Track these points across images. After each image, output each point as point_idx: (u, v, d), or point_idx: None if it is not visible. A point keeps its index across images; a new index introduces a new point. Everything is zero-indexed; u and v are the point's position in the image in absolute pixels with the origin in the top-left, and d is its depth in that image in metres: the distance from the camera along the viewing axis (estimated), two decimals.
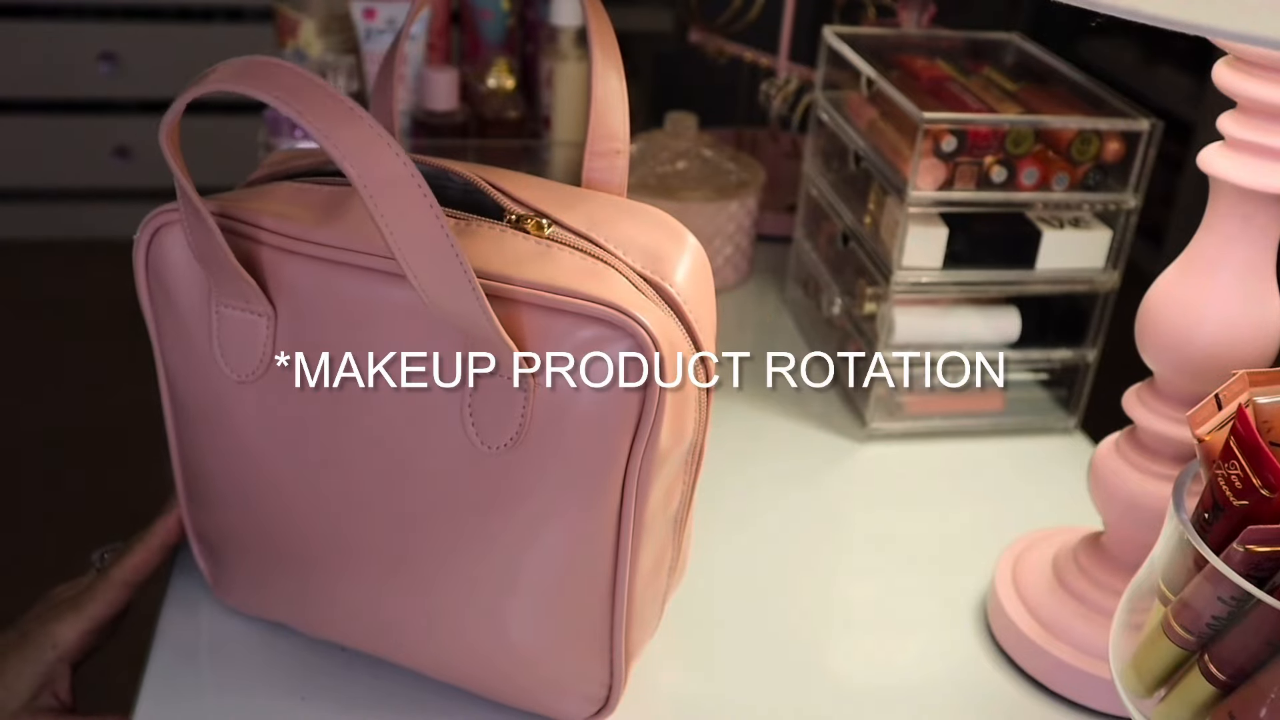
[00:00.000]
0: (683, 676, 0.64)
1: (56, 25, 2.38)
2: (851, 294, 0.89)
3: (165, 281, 0.55)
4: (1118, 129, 0.78)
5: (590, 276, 0.50)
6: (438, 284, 0.47)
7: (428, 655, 0.59)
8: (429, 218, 0.45)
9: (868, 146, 0.85)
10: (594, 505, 0.51)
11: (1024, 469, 0.85)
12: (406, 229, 0.45)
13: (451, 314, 0.48)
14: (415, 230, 0.45)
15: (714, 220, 1.00)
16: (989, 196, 0.79)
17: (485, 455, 0.51)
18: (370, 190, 0.44)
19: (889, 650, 0.68)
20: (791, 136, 1.18)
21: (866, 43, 0.91)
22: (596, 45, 0.58)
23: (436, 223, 0.45)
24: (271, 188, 0.56)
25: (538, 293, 0.49)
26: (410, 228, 0.45)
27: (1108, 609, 0.64)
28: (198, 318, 0.55)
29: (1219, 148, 0.55)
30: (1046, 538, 0.72)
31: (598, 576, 0.53)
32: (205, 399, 0.57)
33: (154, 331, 0.57)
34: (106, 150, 2.50)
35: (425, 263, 0.46)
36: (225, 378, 0.55)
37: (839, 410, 0.89)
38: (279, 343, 0.54)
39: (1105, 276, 0.83)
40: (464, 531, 0.53)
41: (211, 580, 0.64)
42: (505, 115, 1.08)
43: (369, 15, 1.09)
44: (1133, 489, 0.62)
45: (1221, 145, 0.55)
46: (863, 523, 0.79)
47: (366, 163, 0.44)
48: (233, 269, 0.52)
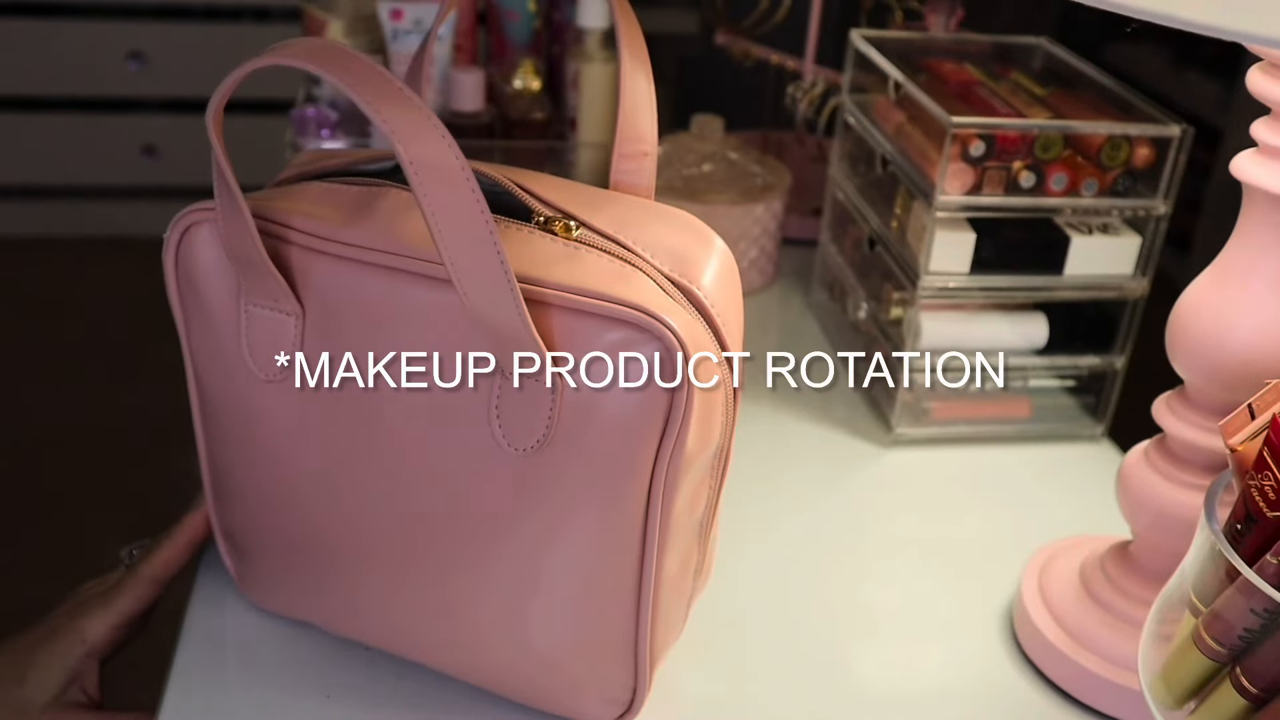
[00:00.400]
0: (707, 680, 0.64)
1: (86, 24, 2.40)
2: (878, 298, 0.88)
3: (194, 280, 0.55)
4: (1148, 134, 0.78)
5: (618, 279, 0.50)
6: (475, 277, 0.47)
7: (448, 655, 0.59)
8: (474, 211, 0.46)
9: (895, 150, 0.85)
10: (619, 508, 0.51)
11: (1050, 476, 0.85)
12: (451, 218, 0.45)
13: (483, 310, 0.48)
14: (459, 221, 0.46)
15: (739, 223, 1.00)
16: (1017, 202, 0.79)
17: (510, 457, 0.51)
18: (419, 175, 0.44)
19: (913, 657, 0.67)
20: (817, 140, 1.18)
21: (894, 46, 0.91)
22: (625, 47, 0.58)
23: (481, 217, 0.46)
24: (301, 188, 0.56)
25: (565, 295, 0.49)
26: (454, 217, 0.45)
27: (1135, 619, 0.63)
28: (226, 317, 0.55)
29: (1253, 154, 0.55)
30: (1073, 546, 0.71)
31: (622, 580, 0.53)
32: (232, 397, 0.57)
33: (183, 330, 0.58)
34: (134, 148, 2.51)
35: (465, 254, 0.46)
36: (252, 376, 0.55)
37: (864, 415, 0.89)
38: (306, 342, 0.54)
39: (1134, 283, 0.82)
40: (484, 533, 0.53)
41: (236, 577, 0.65)
42: (531, 116, 1.08)
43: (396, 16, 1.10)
44: (1162, 498, 0.61)
45: (1255, 152, 0.55)
46: (887, 528, 0.78)
47: (418, 147, 0.44)
48: (264, 265, 0.52)
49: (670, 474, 0.50)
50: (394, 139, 0.44)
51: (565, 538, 0.52)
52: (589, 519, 0.51)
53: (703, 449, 0.52)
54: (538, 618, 0.54)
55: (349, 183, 0.56)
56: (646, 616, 0.54)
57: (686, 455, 0.50)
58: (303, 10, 1.15)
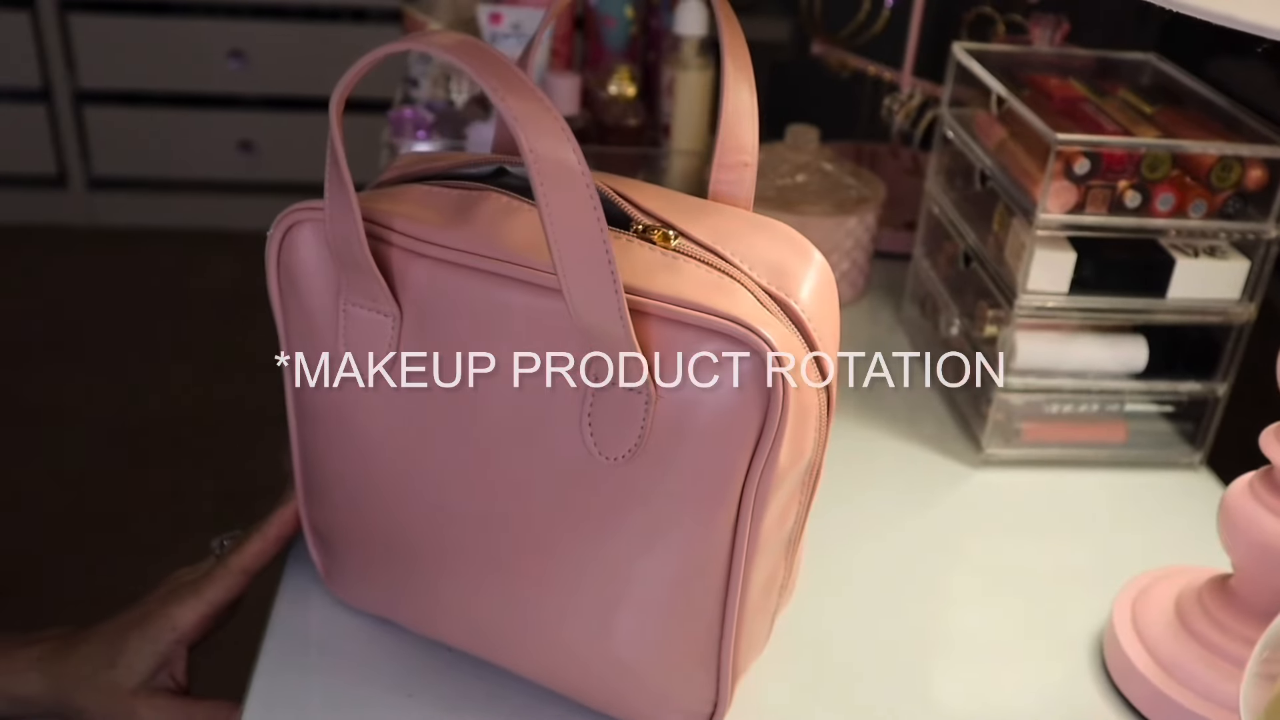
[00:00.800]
0: (789, 697, 0.63)
1: (190, 22, 2.46)
2: (971, 316, 0.87)
3: (295, 279, 0.56)
4: (1261, 156, 0.76)
5: (716, 290, 0.49)
6: (582, 275, 0.47)
7: (529, 660, 0.59)
8: (588, 209, 0.46)
9: (995, 166, 0.83)
10: (710, 521, 0.51)
11: (1145, 504, 0.83)
12: (565, 214, 0.46)
13: (585, 311, 0.48)
14: (573, 217, 0.46)
15: (832, 235, 0.99)
16: (1121, 222, 0.77)
17: (601, 465, 0.51)
18: (538, 167, 0.45)
19: (999, 682, 0.66)
20: (912, 152, 1.17)
21: (996, 60, 0.89)
22: (729, 56, 0.57)
23: (594, 214, 0.46)
24: (403, 189, 0.57)
25: (664, 304, 0.49)
26: (569, 214, 0.46)
27: (1234, 655, 0.61)
28: (325, 316, 0.56)
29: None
30: (1169, 576, 0.69)
31: (709, 593, 0.53)
32: (327, 396, 0.58)
33: (281, 325, 0.59)
34: (231, 144, 2.57)
35: (575, 251, 0.46)
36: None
37: (953, 434, 0.87)
38: (403, 343, 0.54)
39: (1240, 308, 0.80)
40: (570, 541, 0.53)
41: (324, 572, 0.66)
42: (625, 122, 1.08)
43: (495, 20, 1.11)
44: (1267, 532, 0.59)
45: None
46: (975, 550, 0.77)
47: (540, 140, 0.44)
48: (367, 265, 0.52)
49: (762, 488, 0.50)
50: (518, 128, 0.44)
51: (654, 549, 0.52)
52: (679, 532, 0.51)
53: (795, 463, 0.51)
54: (623, 627, 0.54)
55: (450, 186, 0.56)
56: (731, 630, 0.54)
57: (780, 469, 0.50)
58: (403, 12, 1.16)
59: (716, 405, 0.48)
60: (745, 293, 0.50)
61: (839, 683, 0.65)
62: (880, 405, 0.90)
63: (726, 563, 0.52)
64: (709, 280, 0.50)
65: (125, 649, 0.65)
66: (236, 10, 2.47)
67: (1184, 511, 0.82)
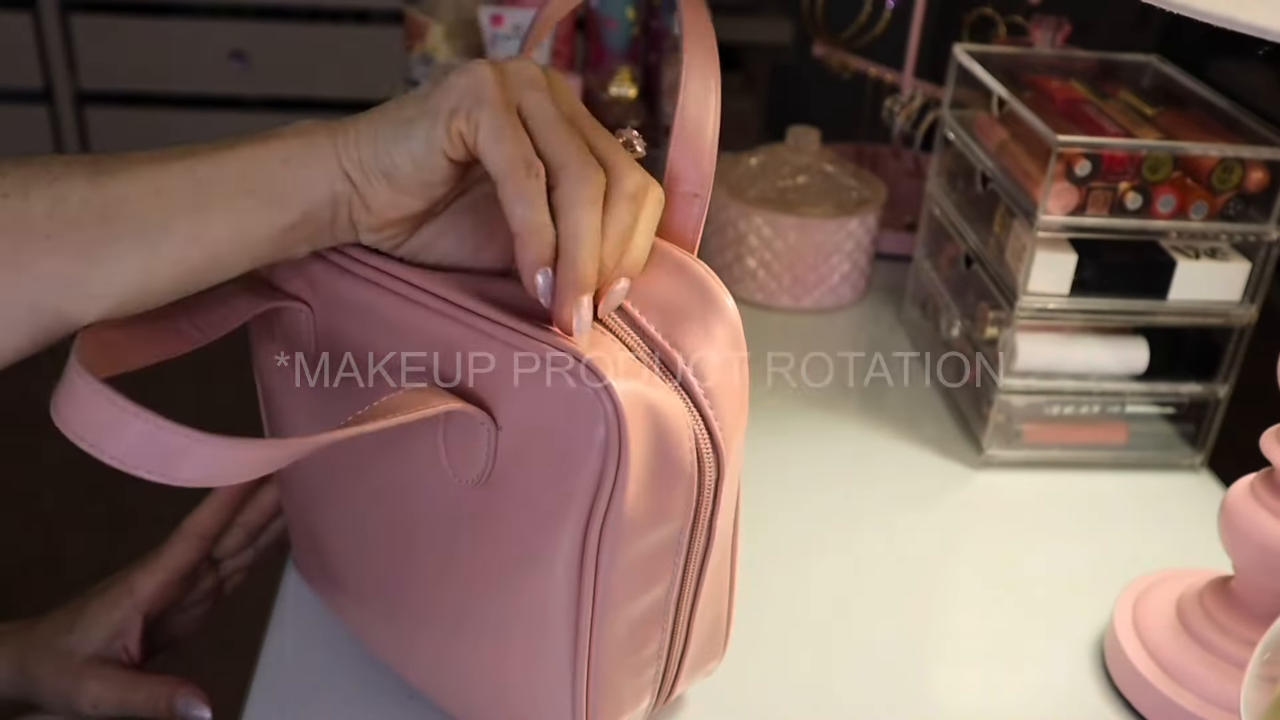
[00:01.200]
0: (788, 695, 0.63)
1: (192, 23, 2.46)
2: (972, 317, 0.87)
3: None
4: (1263, 158, 0.76)
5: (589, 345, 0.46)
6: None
7: (427, 679, 0.58)
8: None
9: (996, 168, 0.83)
10: (548, 563, 0.47)
11: (1146, 505, 0.83)
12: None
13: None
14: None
15: (833, 237, 0.99)
16: (1122, 224, 0.77)
17: (460, 489, 0.49)
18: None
19: (999, 684, 0.66)
20: (914, 154, 1.17)
21: (998, 61, 0.89)
22: (692, 55, 0.49)
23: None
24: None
25: (503, 327, 0.46)
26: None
27: (1235, 657, 0.61)
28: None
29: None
30: (1170, 578, 0.69)
31: (557, 640, 0.49)
32: (268, 390, 0.59)
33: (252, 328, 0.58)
34: None
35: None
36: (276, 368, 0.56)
37: (954, 436, 0.87)
38: (318, 341, 0.54)
39: (1241, 310, 0.80)
40: (429, 563, 0.52)
41: (294, 557, 0.67)
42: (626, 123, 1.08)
43: (496, 21, 1.11)
44: (1268, 535, 0.59)
45: None
46: (975, 552, 0.77)
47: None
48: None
49: (606, 539, 0.46)
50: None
51: (498, 584, 0.49)
52: (521, 568, 0.48)
53: (652, 522, 0.47)
54: (475, 653, 0.52)
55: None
56: (582, 685, 0.50)
57: (625, 523, 0.46)
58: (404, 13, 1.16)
59: (554, 441, 0.45)
60: (619, 346, 0.47)
61: (838, 683, 0.65)
62: (881, 406, 0.90)
63: (573, 612, 0.48)
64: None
65: (83, 615, 0.66)
66: (238, 11, 2.47)
67: (1185, 513, 0.81)
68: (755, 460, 0.82)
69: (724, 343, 0.49)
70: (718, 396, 0.48)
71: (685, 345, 0.48)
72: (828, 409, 0.89)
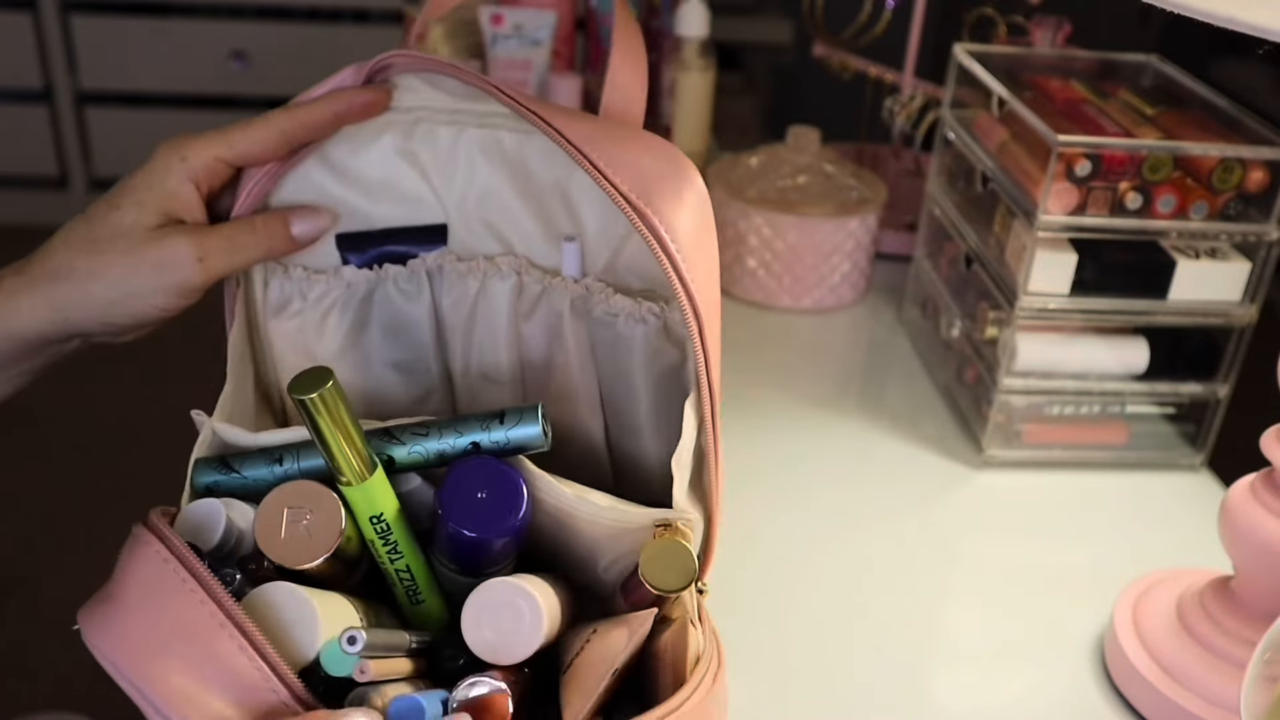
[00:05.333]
0: (787, 695, 0.63)
1: (192, 23, 2.46)
2: (972, 317, 0.87)
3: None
4: (1262, 158, 0.76)
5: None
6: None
7: None
8: None
9: (997, 168, 0.83)
10: None
11: (1146, 505, 0.83)
12: None
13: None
14: None
15: (833, 237, 0.99)
16: (1122, 224, 0.77)
17: None
18: None
19: (999, 683, 0.66)
20: (914, 154, 1.17)
21: (998, 62, 0.89)
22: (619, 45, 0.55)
23: None
24: None
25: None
26: None
27: (1235, 657, 0.61)
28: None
29: None
30: (1170, 578, 0.69)
31: None
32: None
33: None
34: None
35: None
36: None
37: (954, 435, 0.87)
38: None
39: (1241, 310, 0.80)
40: None
41: None
42: None
43: (496, 21, 1.11)
44: (1268, 534, 0.59)
45: None
46: (975, 552, 0.77)
47: None
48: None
49: None
50: None
51: None
52: None
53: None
54: None
55: None
56: None
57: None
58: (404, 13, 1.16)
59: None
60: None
61: (838, 684, 0.65)
62: (881, 406, 0.90)
63: None
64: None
65: (124, 190, 0.54)
66: (238, 11, 2.47)
67: (1185, 513, 0.81)
68: (755, 460, 0.82)
69: (693, 206, 0.53)
70: (689, 252, 0.51)
71: (660, 207, 0.51)
72: (828, 409, 0.89)
